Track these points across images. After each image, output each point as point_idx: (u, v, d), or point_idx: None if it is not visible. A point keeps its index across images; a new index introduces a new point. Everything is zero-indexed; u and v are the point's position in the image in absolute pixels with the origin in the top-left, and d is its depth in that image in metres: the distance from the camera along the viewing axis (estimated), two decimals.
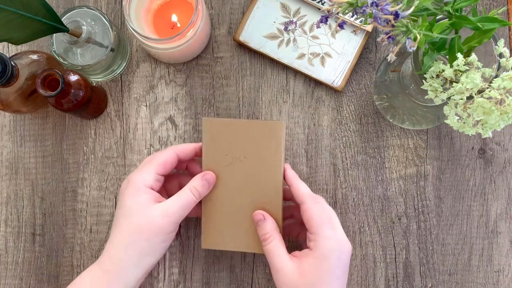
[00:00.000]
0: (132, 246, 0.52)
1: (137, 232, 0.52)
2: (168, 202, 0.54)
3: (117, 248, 0.53)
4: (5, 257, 0.65)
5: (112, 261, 0.53)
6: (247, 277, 0.63)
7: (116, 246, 0.53)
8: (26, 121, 0.66)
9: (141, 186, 0.54)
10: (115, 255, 0.53)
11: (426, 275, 0.63)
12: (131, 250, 0.52)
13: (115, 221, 0.54)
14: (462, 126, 0.46)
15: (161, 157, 0.56)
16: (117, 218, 0.54)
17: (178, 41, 0.58)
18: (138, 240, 0.52)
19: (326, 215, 0.54)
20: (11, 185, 0.65)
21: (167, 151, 0.57)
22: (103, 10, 0.66)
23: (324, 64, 0.64)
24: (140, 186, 0.54)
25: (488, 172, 0.64)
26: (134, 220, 0.53)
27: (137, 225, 0.53)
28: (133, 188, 0.54)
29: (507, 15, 0.66)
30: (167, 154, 0.56)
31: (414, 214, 0.64)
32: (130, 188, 0.54)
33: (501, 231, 0.64)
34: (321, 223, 0.53)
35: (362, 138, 0.65)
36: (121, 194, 0.55)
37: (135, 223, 0.53)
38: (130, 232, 0.53)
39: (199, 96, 0.66)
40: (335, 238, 0.53)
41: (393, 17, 0.39)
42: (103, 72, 0.63)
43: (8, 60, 0.53)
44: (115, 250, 0.53)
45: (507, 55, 0.45)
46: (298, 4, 0.65)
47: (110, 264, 0.53)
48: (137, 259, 0.53)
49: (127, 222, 0.53)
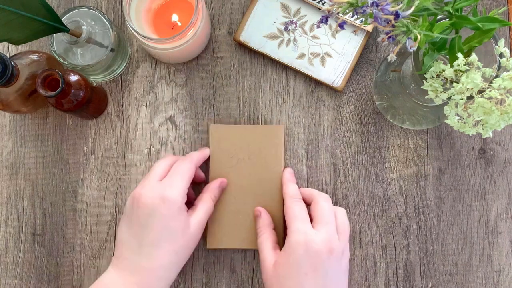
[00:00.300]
0: (178, 264, 0.55)
1: (184, 250, 0.55)
2: (201, 215, 0.57)
3: (165, 269, 0.54)
4: (5, 257, 0.65)
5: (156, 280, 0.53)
6: (247, 277, 0.63)
7: (163, 267, 0.54)
8: (26, 121, 0.66)
9: (181, 206, 0.55)
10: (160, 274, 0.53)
11: (426, 275, 0.63)
12: (177, 265, 0.55)
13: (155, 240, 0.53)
14: (463, 126, 0.46)
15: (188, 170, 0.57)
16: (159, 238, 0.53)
17: (178, 41, 0.58)
18: (184, 256, 0.56)
19: (301, 211, 0.56)
20: (11, 185, 0.65)
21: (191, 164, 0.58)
22: (103, 10, 0.66)
23: (324, 64, 0.64)
24: (180, 206, 0.54)
25: (489, 172, 0.64)
26: (181, 242, 0.55)
27: (184, 245, 0.55)
28: (175, 208, 0.54)
29: (507, 15, 0.66)
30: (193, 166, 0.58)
31: (414, 214, 0.64)
32: (172, 208, 0.53)
33: (501, 231, 0.64)
34: (293, 219, 0.55)
35: (362, 138, 0.65)
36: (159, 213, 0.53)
37: (182, 244, 0.55)
38: (177, 252, 0.54)
39: (199, 96, 0.66)
40: (304, 232, 0.53)
41: (393, 17, 0.39)
42: (103, 72, 0.63)
43: (8, 60, 0.53)
44: (163, 271, 0.54)
45: (508, 55, 0.45)
46: (298, 4, 0.65)
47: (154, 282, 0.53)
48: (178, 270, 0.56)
49: (174, 245, 0.54)
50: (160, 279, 0.54)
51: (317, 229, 0.54)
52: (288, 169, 0.62)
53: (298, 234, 0.53)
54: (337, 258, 0.53)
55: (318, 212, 0.55)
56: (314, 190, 0.59)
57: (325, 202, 0.56)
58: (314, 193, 0.58)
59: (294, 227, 0.54)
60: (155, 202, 0.53)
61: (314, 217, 0.55)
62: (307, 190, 0.60)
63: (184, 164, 0.57)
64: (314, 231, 0.53)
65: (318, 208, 0.56)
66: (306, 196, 0.59)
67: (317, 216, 0.55)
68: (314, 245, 0.52)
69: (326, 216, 0.55)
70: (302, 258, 0.52)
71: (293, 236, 0.53)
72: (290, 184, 0.60)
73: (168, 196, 0.53)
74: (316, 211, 0.56)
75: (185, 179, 0.56)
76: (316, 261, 0.52)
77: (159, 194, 0.53)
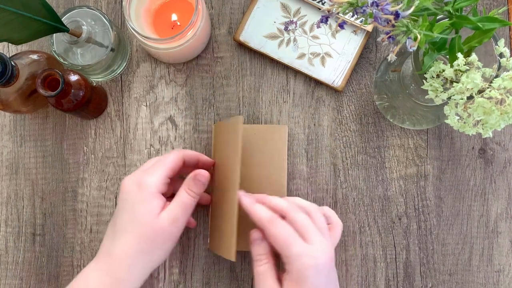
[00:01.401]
0: (143, 254, 0.52)
1: (149, 241, 0.52)
2: (173, 207, 0.53)
3: (127, 255, 0.52)
4: (5, 257, 0.65)
5: (122, 269, 0.52)
6: (247, 277, 0.63)
7: (126, 254, 0.52)
8: (26, 121, 0.66)
9: (154, 191, 0.53)
10: (127, 263, 0.52)
11: (426, 275, 0.63)
12: (142, 258, 0.52)
13: (123, 225, 0.53)
14: (463, 126, 0.46)
15: (171, 159, 0.55)
16: (126, 223, 0.52)
17: (178, 41, 0.58)
18: (150, 248, 0.52)
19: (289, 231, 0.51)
20: (11, 185, 0.65)
21: (176, 154, 0.56)
22: (103, 10, 0.66)
23: (324, 64, 0.64)
24: (153, 191, 0.53)
25: (489, 172, 0.64)
26: (146, 230, 0.52)
27: (149, 235, 0.52)
28: (146, 193, 0.53)
29: (507, 15, 0.66)
30: (177, 157, 0.56)
31: (414, 214, 0.64)
32: (143, 193, 0.53)
33: (501, 231, 0.64)
34: (286, 244, 0.51)
35: (362, 138, 0.65)
36: (130, 197, 0.53)
37: (147, 232, 0.52)
38: (140, 241, 0.52)
39: (199, 96, 0.66)
40: (307, 253, 0.50)
41: (393, 17, 0.39)
42: (103, 72, 0.63)
43: (8, 60, 0.53)
44: (126, 258, 0.52)
45: (508, 55, 0.45)
46: (298, 4, 0.65)
47: (121, 271, 0.52)
48: (147, 266, 0.53)
49: (138, 231, 0.52)
50: (128, 269, 0.52)
51: (310, 242, 0.51)
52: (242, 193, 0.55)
53: (302, 257, 0.50)
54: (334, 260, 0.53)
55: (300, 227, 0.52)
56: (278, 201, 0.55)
57: (299, 214, 0.53)
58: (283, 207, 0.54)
59: (294, 253, 0.50)
60: (131, 188, 0.53)
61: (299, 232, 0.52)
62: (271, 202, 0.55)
63: (170, 154, 0.56)
64: (312, 247, 0.51)
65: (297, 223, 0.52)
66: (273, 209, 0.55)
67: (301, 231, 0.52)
68: (320, 261, 0.50)
69: (309, 227, 0.52)
70: (316, 280, 0.50)
71: (298, 262, 0.50)
72: (256, 207, 0.54)
73: (143, 182, 0.53)
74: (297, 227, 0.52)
75: (166, 168, 0.54)
76: (327, 274, 0.51)
77: (137, 180, 0.53)
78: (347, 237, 0.63)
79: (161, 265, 0.63)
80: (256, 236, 0.55)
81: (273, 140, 0.63)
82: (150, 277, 0.63)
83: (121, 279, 0.52)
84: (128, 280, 0.52)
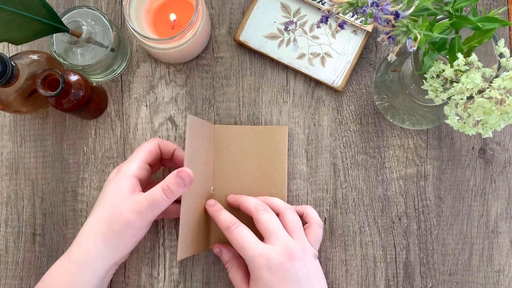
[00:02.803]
0: (101, 237, 0.52)
1: (108, 223, 0.52)
2: (140, 197, 0.52)
3: (86, 238, 0.53)
4: (5, 257, 0.65)
5: (80, 252, 0.53)
6: None
7: (85, 236, 0.53)
8: (26, 121, 0.66)
9: (128, 175, 0.54)
10: (84, 246, 0.53)
11: (426, 275, 0.63)
12: (100, 241, 0.52)
13: (94, 207, 0.55)
14: (463, 126, 0.46)
15: (147, 145, 0.57)
16: (96, 204, 0.55)
17: (178, 41, 0.58)
18: (108, 232, 0.52)
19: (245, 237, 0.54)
20: (11, 185, 0.65)
21: (151, 140, 0.58)
22: (103, 10, 0.66)
23: (324, 64, 0.64)
24: (127, 175, 0.54)
25: (489, 172, 0.64)
26: (107, 211, 0.52)
27: (109, 216, 0.52)
28: (120, 176, 0.54)
29: (507, 15, 0.66)
30: (151, 143, 0.58)
31: (414, 214, 0.64)
32: (117, 176, 0.55)
33: (501, 231, 0.64)
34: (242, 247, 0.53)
35: (362, 138, 0.65)
36: (107, 182, 0.56)
37: (108, 213, 0.52)
38: (101, 222, 0.52)
39: (199, 96, 0.66)
40: (260, 254, 0.52)
41: (393, 17, 0.39)
42: (103, 72, 0.63)
43: (8, 60, 0.53)
44: (84, 240, 0.53)
45: (508, 55, 0.45)
46: (298, 4, 0.65)
47: (78, 254, 0.53)
48: (105, 251, 0.52)
49: (100, 212, 0.53)
50: (82, 249, 0.52)
51: (270, 243, 0.53)
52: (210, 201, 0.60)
53: (255, 259, 0.52)
54: (301, 258, 0.53)
55: (263, 227, 0.54)
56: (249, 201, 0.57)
57: (263, 215, 0.55)
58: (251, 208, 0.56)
59: (248, 255, 0.53)
60: (111, 174, 0.57)
61: (261, 233, 0.54)
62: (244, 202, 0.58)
63: (146, 142, 0.58)
64: (268, 247, 0.52)
65: (260, 224, 0.55)
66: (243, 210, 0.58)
67: (263, 231, 0.54)
68: (274, 260, 0.51)
69: (271, 227, 0.54)
70: (270, 278, 0.51)
71: (252, 263, 0.52)
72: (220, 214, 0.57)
73: (121, 168, 0.55)
74: (260, 227, 0.55)
75: (141, 153, 0.56)
76: (282, 274, 0.51)
77: (117, 168, 0.56)
78: (347, 237, 0.63)
79: (161, 265, 0.63)
80: (216, 251, 0.60)
81: (274, 141, 0.63)
82: (150, 277, 0.63)
83: (76, 261, 0.52)
84: (82, 262, 0.52)
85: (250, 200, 0.57)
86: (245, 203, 0.57)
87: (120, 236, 0.52)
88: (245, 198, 0.58)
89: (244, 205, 0.58)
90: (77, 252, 0.53)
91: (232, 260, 0.58)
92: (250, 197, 0.58)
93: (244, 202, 0.58)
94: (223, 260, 0.59)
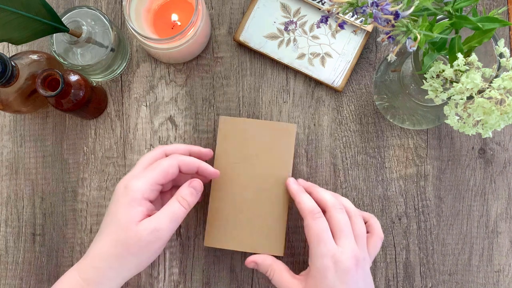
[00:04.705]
0: (117, 259, 0.51)
1: (124, 247, 0.51)
2: (158, 217, 0.51)
3: (100, 257, 0.51)
4: (5, 257, 0.65)
5: (94, 271, 0.51)
6: (247, 277, 0.63)
7: (99, 256, 0.51)
8: (26, 121, 0.66)
9: (139, 197, 0.51)
10: (98, 265, 0.51)
11: (426, 275, 0.63)
12: (116, 262, 0.51)
13: (103, 226, 0.52)
14: (462, 126, 0.46)
15: (164, 165, 0.53)
16: (107, 225, 0.52)
17: (178, 41, 0.58)
18: (124, 254, 0.51)
19: (324, 231, 0.53)
20: (11, 185, 0.65)
21: (171, 161, 0.54)
22: (103, 10, 0.66)
23: (324, 64, 0.64)
24: (138, 197, 0.51)
25: (488, 172, 0.64)
26: (123, 234, 0.51)
27: (125, 240, 0.51)
28: (130, 197, 0.51)
29: (507, 15, 0.66)
30: (170, 164, 0.54)
31: (414, 214, 0.64)
32: (127, 196, 0.51)
33: (501, 231, 0.64)
34: (317, 239, 0.52)
35: (362, 138, 0.65)
36: (116, 199, 0.52)
37: (123, 237, 0.51)
38: (116, 244, 0.51)
39: (199, 96, 0.66)
40: (331, 256, 0.51)
41: (393, 17, 0.39)
42: (103, 72, 0.63)
43: (8, 60, 0.53)
44: (98, 260, 0.51)
45: (507, 55, 0.45)
46: (298, 4, 0.65)
47: (92, 273, 0.51)
48: (120, 271, 0.51)
49: (115, 234, 0.51)
50: (98, 271, 0.51)
51: (340, 244, 0.52)
52: (292, 179, 0.59)
53: (324, 258, 0.51)
54: (363, 267, 0.53)
55: (336, 226, 0.53)
56: (325, 194, 0.56)
57: (340, 214, 0.54)
58: (327, 202, 0.55)
59: (319, 251, 0.52)
60: (119, 190, 0.52)
61: (333, 230, 0.54)
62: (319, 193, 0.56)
63: (167, 160, 0.54)
64: (339, 250, 0.52)
65: (335, 222, 0.54)
66: (318, 201, 0.56)
67: (336, 230, 0.53)
68: (342, 265, 0.51)
69: (345, 228, 0.53)
70: (333, 281, 0.51)
71: (320, 261, 0.52)
72: (303, 196, 0.56)
73: (130, 185, 0.52)
74: (333, 225, 0.54)
75: (156, 174, 0.52)
76: (346, 278, 0.51)
77: (125, 182, 0.52)
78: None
79: (161, 265, 0.63)
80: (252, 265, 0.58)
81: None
82: (150, 277, 0.63)
83: (89, 280, 0.51)
84: (97, 282, 0.51)
85: (326, 194, 0.56)
86: (321, 194, 0.56)
87: (137, 258, 0.51)
88: (320, 189, 0.57)
89: (319, 195, 0.56)
90: (91, 270, 0.51)
91: (272, 265, 0.56)
92: (325, 190, 0.57)
93: (320, 193, 0.56)
94: (263, 270, 0.57)
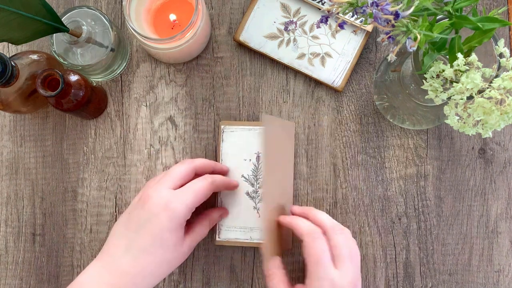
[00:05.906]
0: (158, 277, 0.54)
1: (169, 265, 0.54)
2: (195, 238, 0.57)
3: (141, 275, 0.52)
4: (5, 257, 0.65)
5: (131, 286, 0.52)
6: (247, 277, 0.63)
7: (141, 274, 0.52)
8: (26, 121, 0.66)
9: (183, 222, 0.53)
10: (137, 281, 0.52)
11: (426, 275, 0.63)
12: (156, 279, 0.53)
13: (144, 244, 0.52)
14: (462, 126, 0.46)
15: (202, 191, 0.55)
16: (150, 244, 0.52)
17: (178, 41, 0.58)
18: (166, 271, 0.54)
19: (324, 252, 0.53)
20: (11, 185, 0.65)
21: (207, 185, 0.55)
22: (103, 10, 0.66)
23: (324, 64, 0.64)
24: (182, 222, 0.53)
25: (488, 172, 0.64)
26: (169, 256, 0.53)
27: (170, 259, 0.54)
28: (176, 223, 0.52)
29: (507, 15, 0.66)
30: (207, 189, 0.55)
31: (414, 214, 0.64)
32: (172, 222, 0.52)
33: (501, 231, 0.64)
34: (317, 261, 0.52)
35: (362, 138, 0.65)
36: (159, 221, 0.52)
37: (170, 258, 0.53)
38: (162, 265, 0.53)
39: (199, 96, 0.66)
40: (330, 280, 0.51)
41: (393, 17, 0.39)
42: (103, 72, 0.63)
43: (8, 60, 0.53)
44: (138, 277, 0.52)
45: (507, 55, 0.45)
46: (298, 4, 0.65)
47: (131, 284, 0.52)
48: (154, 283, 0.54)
49: (161, 256, 0.53)
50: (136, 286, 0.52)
51: (340, 268, 0.52)
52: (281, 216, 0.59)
53: (323, 280, 0.51)
54: None
55: (336, 249, 0.53)
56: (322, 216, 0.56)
57: (339, 236, 0.54)
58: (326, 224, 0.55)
59: (318, 274, 0.52)
60: (158, 209, 0.52)
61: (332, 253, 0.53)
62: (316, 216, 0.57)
63: (203, 182, 0.55)
64: (339, 274, 0.52)
65: (335, 244, 0.53)
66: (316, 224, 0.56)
67: (335, 254, 0.53)
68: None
69: (344, 252, 0.53)
70: None
71: (318, 282, 0.51)
72: (298, 221, 0.56)
73: (173, 207, 0.52)
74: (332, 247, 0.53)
75: (197, 198, 0.54)
76: None
77: (165, 202, 0.52)
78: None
79: None
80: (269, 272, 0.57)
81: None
82: None
83: None
84: None
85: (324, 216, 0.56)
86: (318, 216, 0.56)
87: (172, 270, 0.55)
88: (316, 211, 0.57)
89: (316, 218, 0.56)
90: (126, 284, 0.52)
91: (276, 270, 0.56)
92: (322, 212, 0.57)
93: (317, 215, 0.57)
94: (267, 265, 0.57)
